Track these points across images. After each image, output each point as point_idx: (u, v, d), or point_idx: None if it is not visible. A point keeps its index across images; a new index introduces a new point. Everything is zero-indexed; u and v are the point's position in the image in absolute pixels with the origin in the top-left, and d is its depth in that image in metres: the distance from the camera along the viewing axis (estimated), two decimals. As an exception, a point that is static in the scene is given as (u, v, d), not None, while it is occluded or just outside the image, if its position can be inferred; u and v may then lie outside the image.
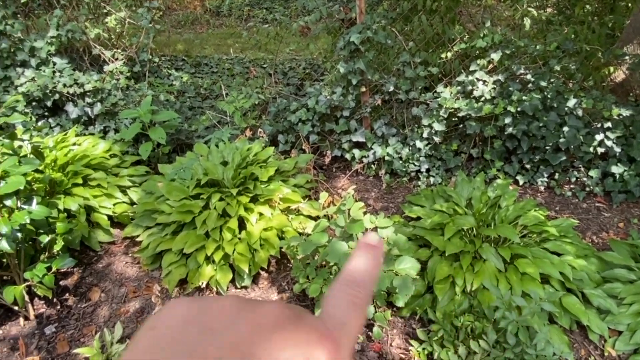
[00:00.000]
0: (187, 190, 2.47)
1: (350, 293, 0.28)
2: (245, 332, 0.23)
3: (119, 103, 3.26)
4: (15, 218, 1.68)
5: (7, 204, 1.70)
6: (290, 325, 0.24)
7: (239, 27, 7.51)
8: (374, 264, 0.29)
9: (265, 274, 2.40)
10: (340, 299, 0.27)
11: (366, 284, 0.28)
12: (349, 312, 0.27)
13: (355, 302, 0.27)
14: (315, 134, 3.11)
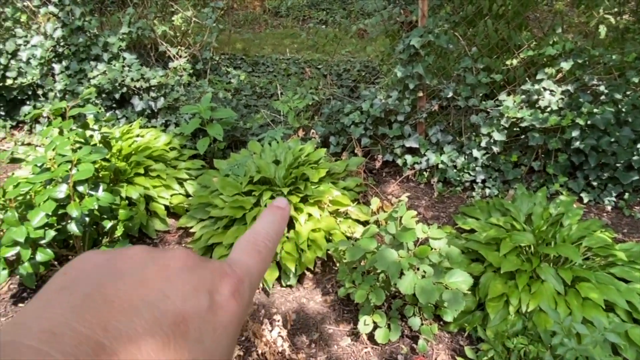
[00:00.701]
0: (240, 187, 2.53)
1: (255, 242, 0.30)
2: (153, 272, 0.24)
3: (181, 98, 3.41)
4: (85, 203, 1.80)
5: (79, 189, 1.82)
6: (197, 266, 0.25)
7: (296, 27, 7.61)
8: (279, 221, 0.32)
9: (310, 274, 2.41)
10: (245, 247, 0.29)
11: (270, 237, 0.30)
12: (253, 258, 0.29)
13: (259, 251, 0.29)
14: (367, 137, 3.08)
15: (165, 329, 0.21)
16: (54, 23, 3.37)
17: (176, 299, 0.23)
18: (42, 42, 3.41)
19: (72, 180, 1.78)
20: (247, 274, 0.27)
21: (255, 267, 0.28)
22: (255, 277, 0.28)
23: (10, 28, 3.57)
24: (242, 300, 0.26)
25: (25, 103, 3.81)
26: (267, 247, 0.30)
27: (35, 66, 3.43)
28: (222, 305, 0.24)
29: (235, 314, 0.25)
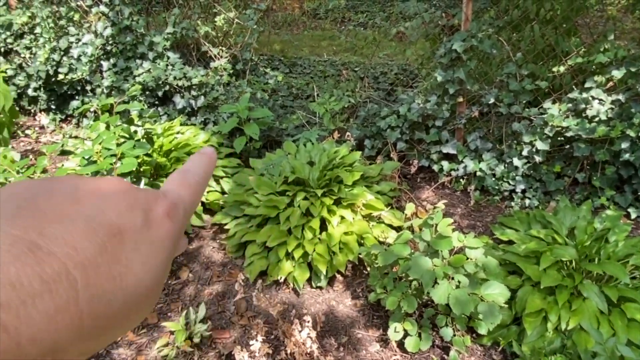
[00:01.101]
0: (274, 186, 2.55)
1: (185, 177, 0.31)
2: (87, 191, 0.24)
3: (220, 98, 3.48)
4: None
5: (122, 182, 1.90)
6: (130, 189, 0.26)
7: (334, 29, 7.63)
8: (207, 163, 0.33)
9: (340, 277, 2.40)
10: (175, 179, 0.30)
11: (199, 174, 0.31)
12: (184, 189, 0.30)
13: (189, 183, 0.30)
14: (403, 141, 3.04)
15: (101, 237, 0.21)
16: (104, 22, 3.52)
17: (111, 213, 0.23)
18: (93, 40, 3.57)
19: (115, 173, 1.85)
20: (180, 200, 0.28)
21: (187, 196, 0.29)
22: (187, 204, 0.29)
23: (64, 26, 3.76)
24: (177, 221, 0.26)
25: (74, 98, 4.00)
26: (197, 182, 0.31)
27: (85, 63, 3.60)
28: (157, 222, 0.25)
29: (169, 232, 0.25)
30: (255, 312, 2.21)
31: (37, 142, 3.85)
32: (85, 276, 0.20)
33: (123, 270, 0.22)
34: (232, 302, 2.27)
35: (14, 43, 3.93)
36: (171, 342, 2.00)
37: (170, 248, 0.26)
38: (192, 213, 0.30)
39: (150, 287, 0.24)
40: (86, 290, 0.20)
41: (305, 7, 8.33)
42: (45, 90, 3.96)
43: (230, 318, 2.18)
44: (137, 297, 0.23)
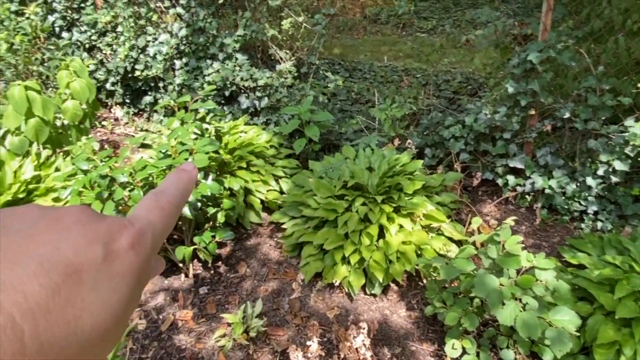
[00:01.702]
0: (333, 190, 2.57)
1: (157, 200, 0.29)
2: (44, 226, 0.23)
3: (283, 100, 3.56)
4: (200, 189, 1.96)
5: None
6: (92, 220, 0.24)
7: (395, 35, 7.56)
8: (185, 182, 0.31)
9: (395, 287, 2.37)
10: (146, 204, 0.29)
11: (174, 195, 0.30)
12: (155, 214, 0.28)
13: (162, 207, 0.29)
14: (467, 152, 2.95)
15: (54, 278, 0.20)
16: (179, 23, 3.72)
17: (68, 250, 0.22)
18: (168, 40, 3.78)
19: (190, 168, 1.95)
20: (148, 227, 0.27)
21: (159, 222, 0.28)
22: (158, 231, 0.27)
23: (143, 26, 4.01)
24: (143, 251, 0.25)
25: (146, 93, 4.25)
26: (171, 204, 0.29)
27: (160, 61, 3.81)
28: (120, 255, 0.24)
29: (134, 264, 0.24)
30: (309, 312, 2.24)
31: (111, 133, 4.13)
32: (33, 325, 0.19)
33: (78, 313, 0.21)
34: (287, 301, 2.31)
35: (98, 40, 4.25)
36: (228, 334, 2.07)
37: (134, 282, 0.24)
38: (165, 237, 0.29)
39: (109, 327, 0.23)
40: (35, 340, 0.19)
41: (367, 12, 8.32)
42: (121, 85, 4.24)
43: (284, 316, 2.22)
44: (95, 339, 0.22)
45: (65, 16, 4.32)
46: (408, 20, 7.88)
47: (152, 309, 2.25)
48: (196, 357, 2.00)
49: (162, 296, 2.33)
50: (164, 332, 2.13)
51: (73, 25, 4.38)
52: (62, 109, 2.86)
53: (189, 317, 2.21)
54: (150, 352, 2.02)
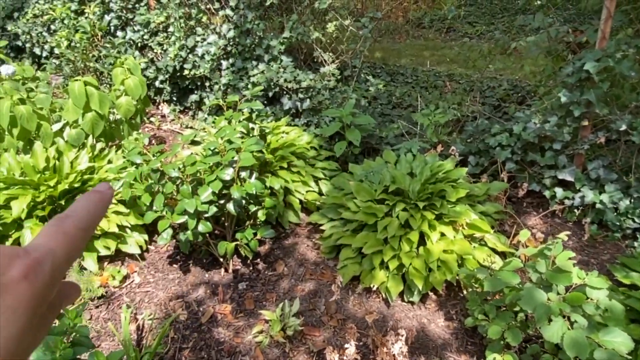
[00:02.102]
0: (373, 194, 2.56)
1: (60, 225, 0.28)
2: None
3: (325, 102, 3.58)
4: (246, 187, 2.01)
5: (242, 175, 2.04)
6: None
7: (438, 39, 7.45)
8: (96, 203, 0.30)
9: (433, 295, 2.34)
10: (48, 230, 0.28)
11: (81, 219, 0.29)
12: (57, 240, 0.27)
13: (64, 232, 0.28)
14: (513, 162, 2.87)
15: None
16: (228, 25, 3.82)
17: None
18: (216, 40, 3.89)
19: (237, 165, 2.00)
20: (47, 255, 0.26)
21: (61, 248, 0.27)
22: (60, 258, 0.26)
23: (192, 27, 4.15)
24: (38, 282, 0.24)
25: (193, 92, 4.38)
26: (76, 228, 0.28)
27: (208, 61, 3.93)
28: (9, 287, 0.23)
29: (27, 295, 0.24)
30: (345, 315, 2.24)
31: (158, 129, 4.29)
32: None
33: None
34: (323, 302, 2.32)
35: (149, 39, 4.43)
36: (265, 330, 2.10)
37: (28, 313, 0.24)
38: (70, 263, 0.28)
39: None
40: None
41: (410, 16, 8.24)
42: (169, 83, 4.40)
43: (320, 317, 2.23)
44: None
45: (120, 16, 4.53)
46: (452, 24, 7.74)
47: (193, 300, 2.32)
48: (234, 350, 2.05)
49: (202, 289, 2.40)
50: (204, 324, 2.19)
51: (127, 24, 4.59)
52: (116, 105, 3.00)
53: (227, 311, 2.26)
54: (190, 343, 2.09)
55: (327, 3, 3.42)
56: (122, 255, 2.55)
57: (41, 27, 5.28)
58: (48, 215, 2.35)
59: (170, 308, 2.28)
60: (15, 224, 2.31)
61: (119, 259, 2.54)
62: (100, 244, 2.41)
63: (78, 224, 0.28)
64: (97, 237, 2.42)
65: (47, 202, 2.34)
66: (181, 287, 2.40)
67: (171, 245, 2.70)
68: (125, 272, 2.42)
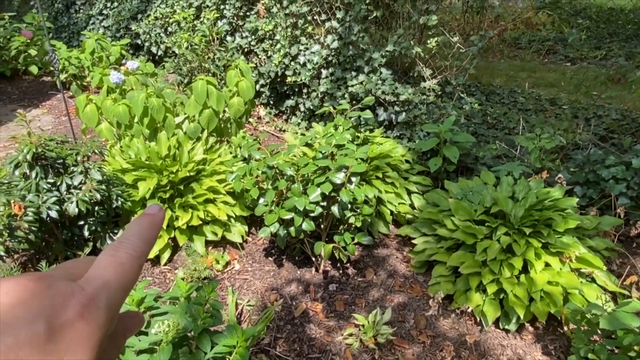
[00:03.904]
0: (473, 214, 2.52)
1: (115, 255, 0.28)
2: None
3: (421, 116, 3.59)
4: (355, 192, 2.08)
5: (352, 180, 2.12)
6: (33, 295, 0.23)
7: (536, 61, 7.11)
8: (148, 228, 0.30)
9: (530, 327, 2.24)
10: (103, 261, 0.27)
11: (136, 246, 0.28)
12: (112, 272, 0.26)
13: (121, 263, 0.27)
14: (628, 197, 2.66)
15: None
16: (333, 36, 3.97)
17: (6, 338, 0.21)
18: (319, 50, 4.06)
19: (349, 171, 2.08)
20: (102, 289, 0.25)
21: (116, 280, 0.26)
22: (115, 291, 0.26)
23: (297, 36, 4.36)
24: (95, 318, 0.24)
25: (289, 97, 4.60)
26: (131, 257, 0.28)
27: (309, 69, 4.11)
28: (66, 328, 0.23)
29: (85, 334, 0.23)
30: (435, 333, 2.22)
31: (255, 130, 4.56)
32: None
33: None
34: (412, 316, 2.31)
35: (256, 45, 4.73)
36: (355, 334, 2.15)
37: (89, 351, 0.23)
38: (127, 292, 0.27)
39: None
40: None
41: (506, 36, 7.96)
42: (269, 87, 4.66)
43: (409, 330, 2.23)
44: None
45: (231, 22, 4.90)
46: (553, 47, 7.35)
47: (287, 294, 2.43)
48: (325, 348, 2.11)
49: (295, 284, 2.50)
50: (297, 317, 2.28)
51: (236, 30, 4.95)
52: (228, 104, 3.24)
53: (319, 309, 2.34)
54: (284, 333, 2.19)
55: (436, 20, 3.44)
56: (225, 242, 2.74)
57: (160, 28, 5.86)
58: (168, 198, 2.60)
59: (266, 298, 2.41)
60: (140, 203, 2.58)
61: (222, 245, 2.74)
62: (209, 230, 2.62)
63: (132, 253, 0.28)
64: (207, 222, 2.63)
65: (169, 186, 2.60)
66: (276, 280, 2.53)
67: (266, 240, 2.85)
68: (227, 258, 2.61)
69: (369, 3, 3.84)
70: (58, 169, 2.12)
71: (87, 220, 2.30)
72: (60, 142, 2.27)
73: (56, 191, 2.09)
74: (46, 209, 2.01)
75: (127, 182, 2.60)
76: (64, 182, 2.11)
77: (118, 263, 0.27)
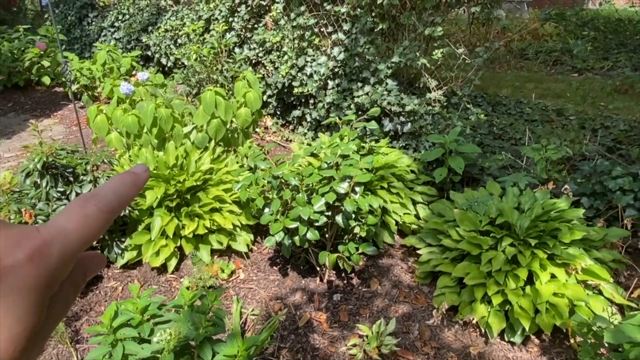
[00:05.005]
0: (478, 224, 2.51)
1: (84, 206, 0.27)
2: None
3: (426, 127, 3.60)
4: (359, 202, 2.10)
5: (356, 189, 2.14)
6: None
7: (542, 72, 7.11)
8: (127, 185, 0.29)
9: (536, 339, 2.21)
10: (69, 209, 0.27)
11: (108, 201, 0.28)
12: (74, 221, 0.26)
13: (85, 214, 0.26)
14: (635, 209, 2.64)
15: None
16: (339, 48, 4.02)
17: None
18: (326, 62, 4.11)
19: (354, 181, 2.09)
20: (59, 236, 0.25)
21: (76, 230, 0.26)
22: (72, 241, 0.25)
23: (304, 48, 4.42)
24: (45, 264, 0.24)
25: (296, 108, 4.65)
26: (99, 211, 0.27)
27: (316, 80, 4.15)
28: (14, 268, 0.23)
29: (33, 277, 0.23)
30: (439, 344, 2.20)
31: (262, 140, 4.60)
32: None
33: None
34: (417, 327, 2.30)
35: (263, 57, 4.80)
36: (359, 345, 2.14)
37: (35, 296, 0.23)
38: (85, 245, 0.27)
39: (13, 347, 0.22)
40: None
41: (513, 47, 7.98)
42: (276, 98, 4.71)
43: (413, 341, 2.22)
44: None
45: (240, 34, 4.98)
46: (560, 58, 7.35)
47: (291, 304, 2.44)
48: (328, 358, 2.11)
49: (299, 294, 2.51)
50: (301, 327, 2.28)
51: (244, 42, 5.02)
52: (236, 114, 3.29)
53: (323, 319, 2.34)
54: (288, 343, 2.19)
55: (441, 31, 3.47)
56: (230, 251, 2.76)
57: (169, 40, 5.97)
58: (175, 207, 2.64)
59: (270, 307, 2.41)
60: (147, 212, 2.62)
61: (227, 254, 2.76)
62: (214, 239, 2.64)
63: (102, 207, 0.27)
64: (213, 232, 2.65)
65: (175, 195, 2.63)
66: (280, 289, 2.54)
67: (271, 249, 2.86)
68: (232, 267, 2.62)
69: (375, 15, 3.89)
70: (68, 178, 2.16)
71: (95, 228, 2.33)
72: (71, 152, 2.32)
73: (66, 199, 2.13)
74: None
75: (135, 191, 2.63)
76: (73, 190, 2.15)
77: (83, 214, 0.27)
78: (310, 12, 4.27)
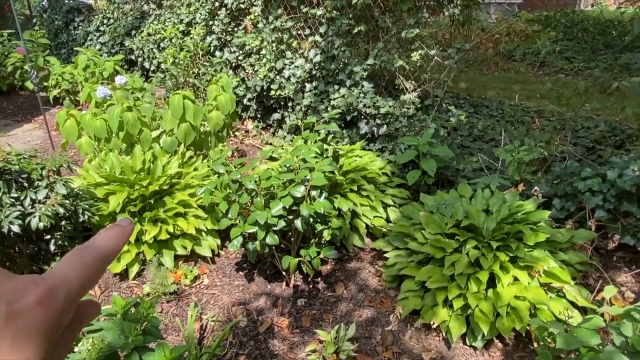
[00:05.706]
0: (443, 227, 2.48)
1: (81, 255, 0.29)
2: None
3: (402, 129, 3.58)
4: (315, 206, 2.07)
5: (313, 193, 2.11)
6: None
7: (530, 73, 7.10)
8: (116, 238, 0.32)
9: (499, 343, 2.18)
10: (69, 259, 0.29)
11: (100, 250, 0.30)
12: (75, 269, 0.28)
13: (83, 262, 0.29)
14: (604, 210, 2.61)
15: None
16: (315, 50, 4.00)
17: None
18: (303, 64, 4.09)
19: (309, 184, 2.06)
20: (63, 283, 0.27)
21: (77, 277, 0.28)
22: (75, 286, 0.28)
23: (282, 50, 4.40)
24: (53, 308, 0.26)
25: (275, 111, 4.63)
26: (94, 259, 0.30)
27: (293, 83, 4.13)
28: (25, 311, 0.25)
29: (42, 319, 0.25)
30: (401, 349, 2.17)
31: (241, 143, 4.58)
32: None
33: None
34: (380, 332, 2.27)
35: (243, 60, 4.78)
36: (319, 350, 2.11)
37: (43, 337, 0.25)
38: (85, 290, 0.29)
39: None
40: None
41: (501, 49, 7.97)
42: (256, 101, 4.69)
43: (375, 346, 2.19)
44: None
45: (220, 37, 4.96)
46: (547, 59, 7.34)
47: (254, 309, 2.40)
48: (286, 365, 2.08)
49: (263, 299, 2.48)
50: (261, 333, 2.25)
51: (225, 45, 5.00)
52: (207, 118, 3.26)
53: (284, 325, 2.31)
54: (246, 350, 2.16)
55: (415, 33, 3.45)
56: (196, 256, 2.73)
57: (152, 44, 5.96)
58: (138, 212, 2.61)
59: (232, 313, 2.38)
60: (110, 217, 2.59)
61: (193, 259, 2.73)
62: (179, 244, 2.61)
63: (97, 255, 0.30)
64: (177, 236, 2.62)
65: (139, 200, 2.60)
66: (244, 295, 2.51)
67: (239, 253, 2.83)
68: (196, 272, 2.59)
69: (352, 17, 3.88)
70: (22, 184, 2.13)
71: (53, 234, 2.30)
72: (29, 157, 2.29)
73: (20, 205, 2.10)
74: (8, 223, 2.02)
75: (99, 196, 2.61)
76: (28, 196, 2.12)
77: (81, 262, 0.29)
78: (288, 15, 4.25)
